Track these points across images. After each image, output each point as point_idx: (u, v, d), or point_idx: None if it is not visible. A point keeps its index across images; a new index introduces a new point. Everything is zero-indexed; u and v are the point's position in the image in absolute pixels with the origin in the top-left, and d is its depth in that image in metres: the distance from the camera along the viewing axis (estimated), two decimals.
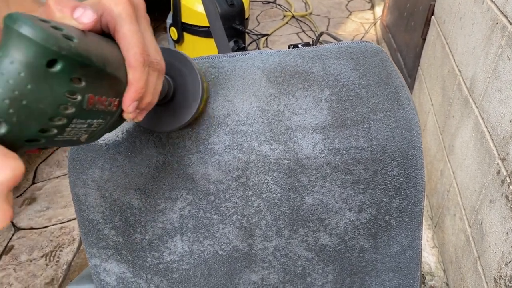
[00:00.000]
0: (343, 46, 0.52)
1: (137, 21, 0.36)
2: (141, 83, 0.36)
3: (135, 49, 0.35)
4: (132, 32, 0.35)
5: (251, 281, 0.59)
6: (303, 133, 0.51)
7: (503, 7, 1.05)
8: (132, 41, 0.35)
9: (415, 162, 0.52)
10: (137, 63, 0.35)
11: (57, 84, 0.29)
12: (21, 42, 0.28)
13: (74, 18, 0.32)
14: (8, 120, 0.28)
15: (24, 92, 0.28)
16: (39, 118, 0.29)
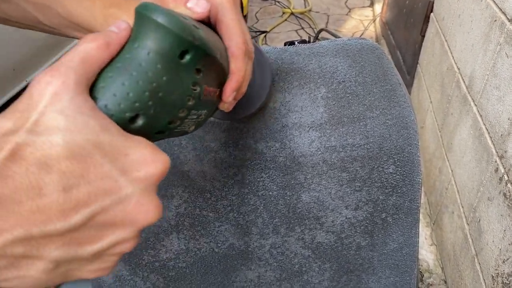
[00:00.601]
0: (339, 44, 0.51)
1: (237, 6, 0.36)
2: (242, 72, 0.36)
3: (238, 38, 0.34)
4: (235, 22, 0.34)
5: (247, 278, 0.59)
6: (299, 130, 0.51)
7: (501, 4, 1.04)
8: (235, 30, 0.34)
9: (412, 159, 0.52)
10: (240, 53, 0.35)
11: (185, 75, 0.30)
12: (158, 32, 0.28)
13: (188, 8, 0.32)
14: (146, 113, 0.28)
15: (161, 83, 0.28)
16: (170, 110, 0.30)
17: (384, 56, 0.51)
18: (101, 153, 0.25)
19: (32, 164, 0.24)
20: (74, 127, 0.25)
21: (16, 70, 1.60)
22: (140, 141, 0.27)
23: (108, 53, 0.28)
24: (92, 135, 0.25)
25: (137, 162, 0.26)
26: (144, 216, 0.27)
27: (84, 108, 0.25)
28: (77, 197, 0.24)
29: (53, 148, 0.24)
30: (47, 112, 0.24)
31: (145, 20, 0.28)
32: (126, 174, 0.26)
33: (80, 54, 0.27)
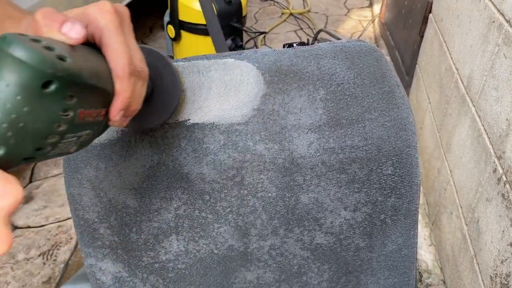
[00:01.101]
0: (338, 45, 0.51)
1: (123, 30, 0.36)
2: (128, 93, 0.36)
3: (122, 60, 0.34)
4: (119, 43, 0.35)
5: (246, 280, 0.59)
6: (298, 132, 0.51)
7: (499, 5, 1.05)
8: (119, 52, 0.34)
9: (410, 161, 0.52)
10: (124, 74, 0.35)
11: (51, 104, 0.30)
12: (16, 66, 0.28)
13: (63, 33, 0.32)
14: (6, 143, 0.28)
15: (21, 114, 0.28)
16: (35, 138, 0.29)
17: (382, 58, 0.52)
18: None
19: None
20: None
21: None
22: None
23: None
24: None
25: None
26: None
27: None
28: None
29: None
30: None
31: (3, 53, 0.28)
32: None
33: None
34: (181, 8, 2.06)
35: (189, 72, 0.53)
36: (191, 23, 2.06)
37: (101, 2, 0.35)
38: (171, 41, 2.23)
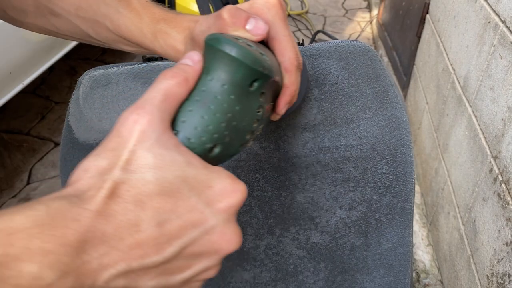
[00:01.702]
0: (332, 46, 0.52)
1: (287, 23, 0.36)
2: (295, 86, 0.37)
3: (290, 53, 0.35)
4: (286, 37, 0.35)
5: (243, 279, 0.59)
6: (293, 131, 0.52)
7: (495, 5, 1.05)
8: (288, 45, 0.35)
9: (404, 160, 0.53)
10: (293, 67, 0.35)
11: (252, 101, 0.31)
12: (231, 65, 0.30)
13: (247, 30, 0.33)
14: (222, 141, 0.30)
15: (234, 113, 0.30)
16: (241, 135, 0.32)
17: (376, 58, 0.52)
18: (188, 187, 0.27)
19: (129, 201, 0.25)
20: (163, 164, 0.26)
21: (12, 73, 1.60)
22: (220, 172, 0.29)
23: (187, 88, 0.29)
24: (179, 170, 0.27)
25: (219, 194, 0.28)
26: (227, 244, 0.28)
27: (169, 144, 0.27)
28: (170, 231, 0.26)
29: (146, 185, 0.26)
30: (137, 150, 0.26)
31: (217, 52, 0.30)
32: (210, 206, 0.27)
33: (162, 91, 0.28)
34: (178, 10, 2.06)
35: None
36: None
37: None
38: None
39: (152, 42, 0.40)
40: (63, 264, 0.22)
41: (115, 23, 0.41)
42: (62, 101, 2.24)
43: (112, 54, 2.80)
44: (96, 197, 0.25)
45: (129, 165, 0.26)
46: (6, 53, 1.56)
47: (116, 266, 0.24)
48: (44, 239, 0.22)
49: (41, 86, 2.39)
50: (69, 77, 2.48)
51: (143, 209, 0.25)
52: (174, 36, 0.39)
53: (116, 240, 0.24)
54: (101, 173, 0.26)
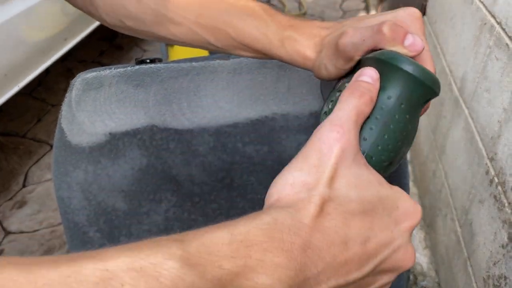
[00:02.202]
0: None
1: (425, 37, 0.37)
2: None
3: (431, 68, 0.36)
4: (428, 52, 0.36)
5: None
6: (286, 133, 0.51)
7: (491, 7, 1.05)
8: (428, 61, 0.36)
9: None
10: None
11: (418, 113, 0.32)
12: (412, 84, 0.30)
13: (405, 46, 0.33)
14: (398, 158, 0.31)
15: (408, 131, 0.31)
16: (407, 150, 0.33)
17: None
18: (382, 207, 0.28)
19: (338, 219, 0.26)
20: (362, 183, 0.28)
21: (8, 76, 1.59)
22: (403, 194, 0.30)
23: (372, 107, 0.30)
24: (375, 190, 0.28)
25: (404, 214, 0.29)
26: (407, 262, 0.30)
27: (362, 164, 0.29)
28: (369, 249, 0.27)
29: (350, 203, 0.27)
30: (339, 168, 0.27)
31: (397, 71, 0.30)
32: (397, 225, 0.29)
33: (354, 111, 0.29)
34: None
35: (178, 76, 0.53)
36: None
37: (411, 9, 0.36)
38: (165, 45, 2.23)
39: (278, 49, 0.40)
40: (290, 278, 0.24)
41: (239, 30, 0.41)
42: (58, 103, 2.24)
43: (109, 55, 2.80)
44: (309, 211, 0.26)
45: (333, 183, 0.27)
46: (2, 55, 1.55)
47: (328, 283, 0.26)
48: (275, 253, 0.24)
49: (37, 88, 2.39)
50: (65, 79, 2.47)
51: (348, 227, 0.27)
52: (303, 43, 0.39)
53: (330, 257, 0.25)
54: (309, 188, 0.27)
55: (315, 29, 0.39)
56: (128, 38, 3.00)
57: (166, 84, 0.52)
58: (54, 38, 1.89)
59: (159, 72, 0.53)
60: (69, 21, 1.97)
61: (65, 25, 1.94)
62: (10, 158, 1.94)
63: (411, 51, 0.33)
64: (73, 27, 2.01)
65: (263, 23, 0.40)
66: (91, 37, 2.31)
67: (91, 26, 2.17)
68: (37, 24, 1.73)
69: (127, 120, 0.52)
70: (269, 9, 0.41)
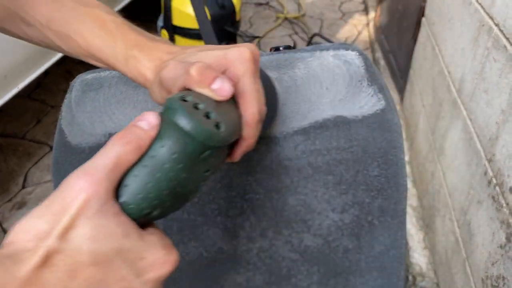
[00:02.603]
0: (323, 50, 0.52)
1: (257, 77, 0.37)
2: (254, 138, 0.37)
3: (253, 109, 0.36)
4: (253, 91, 0.36)
5: (236, 282, 0.59)
6: (284, 134, 0.52)
7: (489, 9, 1.06)
8: (252, 101, 0.36)
9: (396, 162, 0.53)
10: (254, 122, 0.36)
11: (201, 167, 0.32)
12: (184, 139, 0.30)
13: (212, 90, 0.33)
14: (162, 206, 0.30)
15: (180, 181, 0.30)
16: (185, 197, 0.32)
17: (368, 60, 0.52)
18: (121, 259, 0.28)
19: (62, 271, 0.26)
20: (100, 236, 0.27)
21: (7, 77, 1.60)
22: (155, 244, 0.30)
23: (139, 155, 0.30)
24: (115, 242, 0.28)
25: (151, 265, 0.29)
26: None
27: (110, 214, 0.28)
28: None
29: (80, 256, 0.26)
30: (77, 219, 0.27)
31: (172, 124, 0.30)
32: (140, 276, 0.29)
33: (114, 159, 0.29)
34: (174, 13, 2.07)
35: None
36: (184, 27, 2.07)
37: (242, 48, 0.36)
38: None
39: (122, 66, 0.40)
40: None
41: (88, 41, 0.41)
42: (57, 105, 2.24)
43: None
44: (29, 263, 0.25)
45: (67, 233, 0.26)
46: (1, 56, 1.56)
47: None
48: None
49: (36, 90, 2.39)
50: (64, 80, 2.48)
51: (74, 279, 0.26)
52: (145, 64, 0.39)
53: None
54: (39, 238, 0.26)
55: (159, 52, 0.39)
56: None
57: None
58: None
59: None
60: None
61: None
62: (9, 159, 1.94)
63: (218, 95, 0.33)
64: None
65: (111, 38, 0.40)
66: None
67: None
68: None
69: (126, 121, 0.53)
70: (122, 24, 0.41)
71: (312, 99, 0.51)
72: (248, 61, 0.36)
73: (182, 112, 0.30)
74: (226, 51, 0.36)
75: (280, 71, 0.52)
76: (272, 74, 0.52)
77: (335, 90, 0.51)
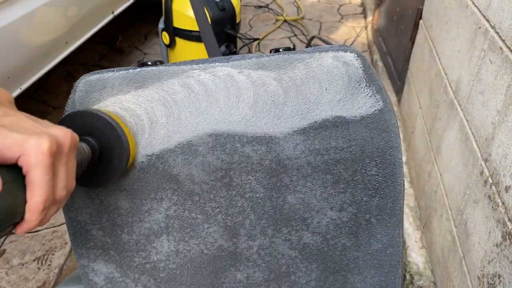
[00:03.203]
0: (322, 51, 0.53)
1: (53, 168, 0.38)
2: (35, 222, 0.38)
3: (38, 198, 0.37)
4: (41, 184, 0.37)
5: (236, 279, 0.60)
6: (283, 134, 0.53)
7: (485, 11, 1.07)
8: (39, 191, 0.37)
9: (393, 161, 0.54)
10: (36, 210, 0.37)
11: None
12: None
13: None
14: None
15: None
16: None
17: (366, 62, 0.53)
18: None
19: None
20: None
21: (10, 78, 1.61)
22: None
23: None
24: None
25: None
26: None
27: None
28: None
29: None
30: None
31: None
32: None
33: None
34: (175, 15, 2.08)
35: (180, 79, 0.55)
36: (185, 30, 2.08)
37: (42, 139, 0.37)
38: (165, 48, 2.25)
39: None
40: None
41: None
42: (59, 106, 2.25)
43: (109, 59, 2.81)
44: None
45: None
46: (4, 58, 1.57)
47: None
48: None
49: (38, 91, 2.40)
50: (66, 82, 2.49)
51: None
52: None
53: None
54: None
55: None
56: (128, 42, 3.02)
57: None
58: (56, 42, 1.90)
59: (161, 74, 0.55)
60: (70, 25, 1.99)
61: (66, 29, 1.96)
62: None
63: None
64: (74, 31, 2.03)
65: None
66: (91, 40, 2.33)
67: (92, 30, 2.19)
68: (38, 28, 1.75)
69: None
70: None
71: (311, 99, 0.53)
72: (42, 154, 0.36)
73: None
74: (26, 138, 0.36)
75: (280, 71, 0.53)
76: (272, 74, 0.53)
77: (334, 90, 0.53)
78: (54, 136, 0.38)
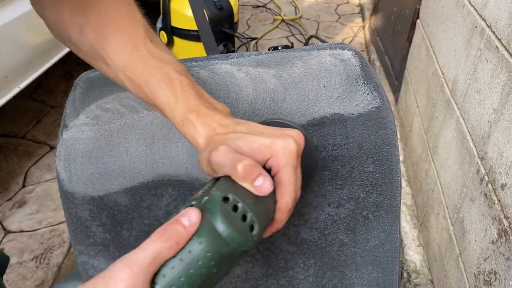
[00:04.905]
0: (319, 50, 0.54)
1: (297, 168, 0.39)
2: (283, 222, 0.40)
3: (288, 198, 0.38)
4: (291, 182, 0.38)
5: (235, 274, 0.61)
6: None
7: (481, 11, 1.08)
8: (289, 190, 0.38)
9: (390, 158, 0.55)
10: (287, 210, 0.39)
11: (234, 260, 0.35)
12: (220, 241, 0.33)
13: (254, 186, 0.36)
14: None
15: (210, 275, 0.33)
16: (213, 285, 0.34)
17: (363, 60, 0.54)
18: None
19: None
20: None
21: (8, 77, 1.61)
22: None
23: (176, 250, 0.32)
24: None
25: None
26: None
27: None
28: None
29: None
30: None
31: (210, 224, 0.33)
32: None
33: (152, 254, 0.31)
34: (173, 15, 2.08)
35: None
36: (183, 29, 2.09)
37: (289, 141, 0.38)
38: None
39: (179, 126, 0.42)
40: None
41: (154, 95, 0.43)
42: (57, 105, 2.25)
43: None
44: None
45: None
46: (3, 57, 1.57)
47: None
48: None
49: (37, 90, 2.40)
50: (64, 81, 2.49)
51: None
52: (199, 130, 0.41)
53: None
54: None
55: (214, 122, 0.41)
56: None
57: None
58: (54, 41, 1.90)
59: None
60: None
61: None
62: (9, 159, 1.95)
63: (259, 192, 0.36)
64: None
65: (174, 97, 0.42)
66: None
67: None
68: (37, 27, 1.75)
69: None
70: (187, 86, 0.43)
71: (310, 96, 0.53)
72: (291, 153, 0.38)
73: (221, 217, 0.33)
74: (273, 140, 0.38)
75: (279, 68, 0.54)
76: (271, 71, 0.54)
77: (332, 88, 0.53)
78: (294, 137, 0.39)
